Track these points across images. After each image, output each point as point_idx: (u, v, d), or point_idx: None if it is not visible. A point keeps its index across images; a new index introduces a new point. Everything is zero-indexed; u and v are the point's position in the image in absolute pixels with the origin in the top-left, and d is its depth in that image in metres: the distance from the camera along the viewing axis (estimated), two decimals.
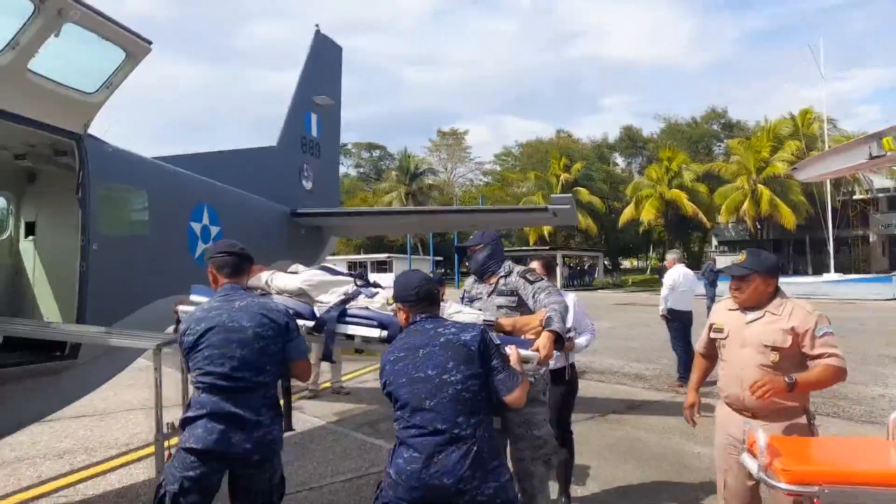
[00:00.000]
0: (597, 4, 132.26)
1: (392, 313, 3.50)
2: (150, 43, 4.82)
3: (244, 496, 3.27)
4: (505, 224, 20.36)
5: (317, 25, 9.93)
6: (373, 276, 4.16)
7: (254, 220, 7.51)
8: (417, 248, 52.91)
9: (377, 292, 3.85)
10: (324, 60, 10.13)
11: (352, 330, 3.62)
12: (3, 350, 4.67)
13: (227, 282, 3.43)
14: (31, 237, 5.96)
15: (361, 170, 70.24)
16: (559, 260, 44.56)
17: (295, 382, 4.08)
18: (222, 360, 3.15)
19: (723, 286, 15.98)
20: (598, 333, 5.72)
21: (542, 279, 4.14)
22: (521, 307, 4.08)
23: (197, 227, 6.32)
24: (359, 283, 3.97)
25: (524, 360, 3.30)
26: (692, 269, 10.94)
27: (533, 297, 3.97)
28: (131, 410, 8.64)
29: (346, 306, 3.71)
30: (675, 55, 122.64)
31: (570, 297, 5.32)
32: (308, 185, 9.52)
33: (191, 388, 3.31)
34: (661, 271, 40.02)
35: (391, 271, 44.04)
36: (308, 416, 8.36)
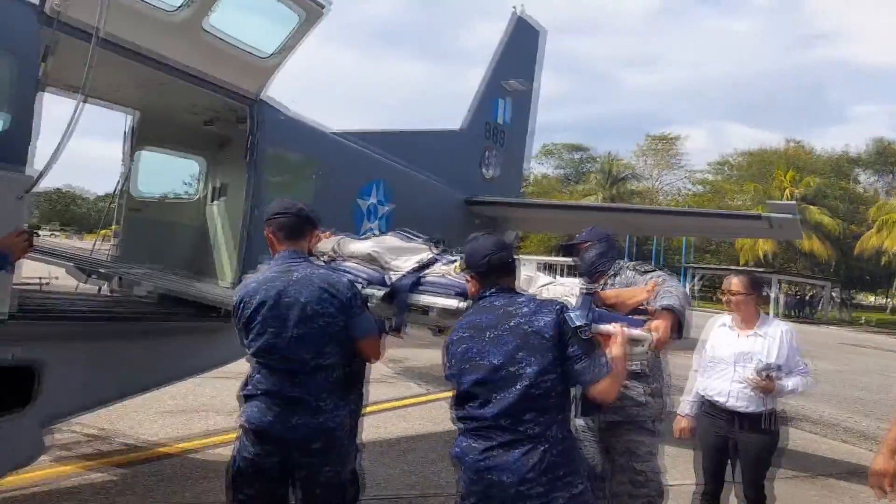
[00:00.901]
0: (848, 3, 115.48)
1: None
2: (323, 7, 4.65)
3: (308, 489, 2.93)
4: (710, 232, 18.24)
5: (514, 7, 9.46)
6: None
7: (427, 203, 7.24)
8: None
9: (457, 259, 3.29)
10: (521, 44, 9.61)
11: (427, 300, 3.19)
12: (164, 305, 4.84)
13: (285, 247, 3.06)
14: (216, 201, 6.23)
15: (562, 171, 69.11)
16: (776, 285, 39.51)
17: None
18: (277, 340, 2.84)
19: None
20: (814, 377, 4.40)
21: (657, 270, 3.43)
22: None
23: (364, 203, 6.17)
24: (436, 249, 3.50)
25: (634, 342, 2.65)
26: None
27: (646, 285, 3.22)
28: None
29: (422, 273, 3.30)
30: None
31: (783, 327, 4.19)
32: (489, 173, 9.09)
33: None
34: None
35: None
36: None
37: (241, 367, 6.20)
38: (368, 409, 7.53)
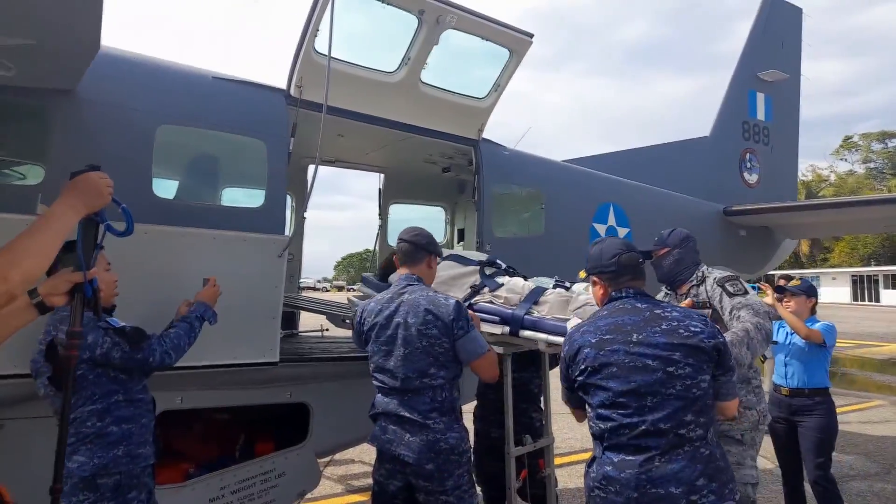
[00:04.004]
0: None
1: (513, 308, 3.40)
2: (531, 36, 4.65)
3: None
4: None
5: None
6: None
7: (671, 220, 6.60)
8: None
9: (501, 284, 3.60)
10: (776, 27, 8.40)
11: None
12: None
13: (404, 271, 3.24)
14: (461, 242, 6.57)
15: (871, 165, 58.28)
16: None
17: None
18: (388, 359, 3.00)
19: None
20: None
21: (749, 293, 3.24)
22: (718, 324, 3.08)
23: (601, 228, 5.91)
24: (486, 272, 3.71)
25: None
26: None
27: (730, 313, 3.20)
28: None
29: (473, 300, 3.55)
30: None
31: None
32: (752, 177, 8.00)
33: None
34: None
35: None
36: None
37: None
38: None
